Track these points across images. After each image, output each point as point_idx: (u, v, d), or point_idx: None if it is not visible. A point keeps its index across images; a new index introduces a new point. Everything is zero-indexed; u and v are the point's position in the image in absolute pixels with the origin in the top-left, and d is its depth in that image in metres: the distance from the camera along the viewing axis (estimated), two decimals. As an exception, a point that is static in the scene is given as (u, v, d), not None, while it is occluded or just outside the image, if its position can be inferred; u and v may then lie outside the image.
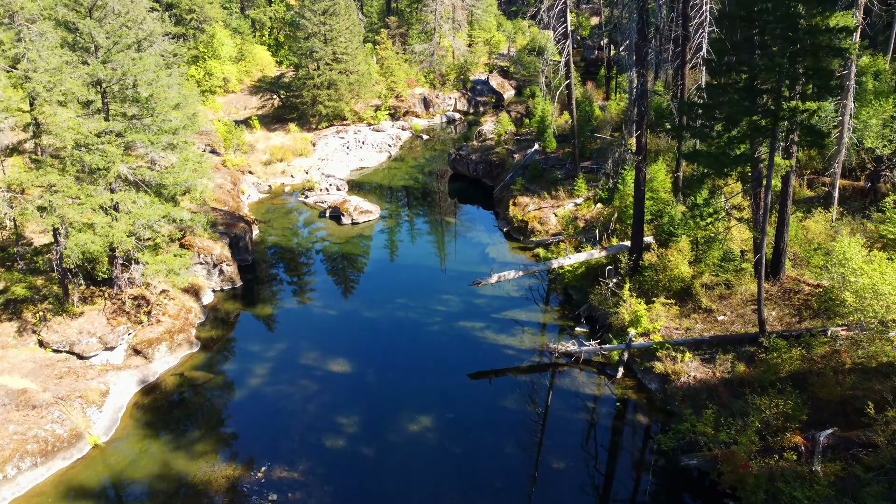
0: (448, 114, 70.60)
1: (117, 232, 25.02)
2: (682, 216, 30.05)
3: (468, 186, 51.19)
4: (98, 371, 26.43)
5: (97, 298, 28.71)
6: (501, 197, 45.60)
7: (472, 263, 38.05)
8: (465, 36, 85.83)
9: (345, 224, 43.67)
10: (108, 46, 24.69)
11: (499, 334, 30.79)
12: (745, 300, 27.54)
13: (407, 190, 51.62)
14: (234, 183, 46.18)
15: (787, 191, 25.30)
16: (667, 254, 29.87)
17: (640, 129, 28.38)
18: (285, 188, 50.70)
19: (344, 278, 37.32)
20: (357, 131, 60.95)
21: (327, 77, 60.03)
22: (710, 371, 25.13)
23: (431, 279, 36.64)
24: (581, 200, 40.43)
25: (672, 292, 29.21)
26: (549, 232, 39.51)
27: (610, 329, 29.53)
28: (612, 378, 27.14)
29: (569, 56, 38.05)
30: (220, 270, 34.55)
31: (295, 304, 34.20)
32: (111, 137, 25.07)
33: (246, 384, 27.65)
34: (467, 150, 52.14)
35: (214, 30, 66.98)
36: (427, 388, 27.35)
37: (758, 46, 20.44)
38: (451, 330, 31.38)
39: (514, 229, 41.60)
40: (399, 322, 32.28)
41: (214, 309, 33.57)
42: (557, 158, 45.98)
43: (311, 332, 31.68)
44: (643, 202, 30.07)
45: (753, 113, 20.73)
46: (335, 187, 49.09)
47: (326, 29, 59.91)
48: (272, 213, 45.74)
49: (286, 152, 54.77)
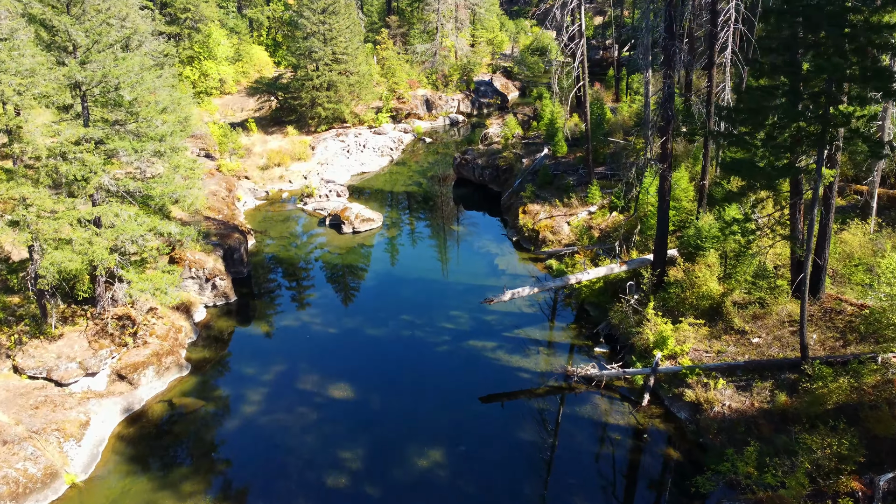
0: (451, 116, 68.45)
1: (98, 249, 22.83)
2: (712, 229, 27.87)
3: (474, 192, 49.03)
4: (78, 399, 24.23)
5: (78, 318, 26.52)
6: (510, 204, 43.44)
7: (481, 276, 35.89)
8: (468, 36, 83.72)
9: (345, 233, 41.49)
10: (88, 45, 22.50)
11: (512, 355, 28.64)
12: (782, 321, 25.36)
13: (410, 196, 49.43)
14: (230, 189, 43.99)
15: (830, 202, 23.15)
16: (694, 269, 27.71)
17: (665, 134, 26.22)
18: (283, 194, 48.52)
19: (345, 292, 35.13)
20: (357, 134, 58.78)
21: (327, 78, 57.86)
22: (746, 400, 22.97)
23: (438, 293, 34.46)
24: (595, 208, 38.27)
25: (700, 311, 27.06)
26: (562, 242, 37.34)
27: (632, 350, 27.39)
28: (637, 405, 24.99)
29: (583, 56, 35.92)
30: (213, 285, 32.36)
31: (293, 321, 32.00)
32: (91, 145, 22.87)
33: (240, 412, 25.46)
34: (473, 155, 49.98)
35: (210, 29, 64.79)
36: (436, 416, 25.20)
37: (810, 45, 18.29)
38: (460, 350, 29.21)
39: (524, 239, 39.44)
40: (404, 341, 30.10)
41: (207, 326, 31.38)
42: (569, 164, 43.81)
43: (310, 351, 29.50)
44: (668, 214, 27.93)
45: (803, 118, 18.56)
46: (335, 193, 46.91)
47: (326, 28, 57.73)
48: (269, 222, 43.55)
49: (284, 156, 52.58)
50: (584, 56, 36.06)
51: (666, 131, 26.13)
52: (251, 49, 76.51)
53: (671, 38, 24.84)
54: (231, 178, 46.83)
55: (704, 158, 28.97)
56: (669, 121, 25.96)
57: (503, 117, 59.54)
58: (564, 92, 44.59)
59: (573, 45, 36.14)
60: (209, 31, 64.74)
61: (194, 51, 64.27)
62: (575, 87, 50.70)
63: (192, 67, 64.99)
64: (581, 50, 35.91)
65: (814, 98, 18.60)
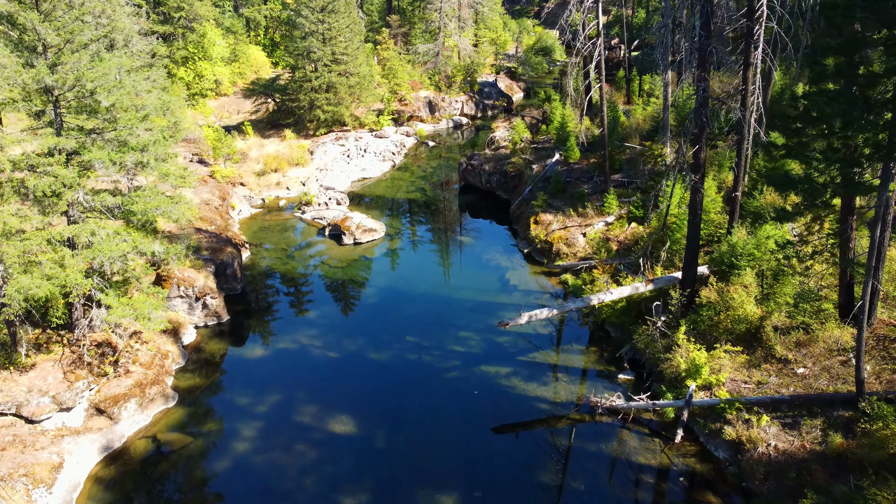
0: (455, 118, 66.08)
1: (71, 272, 20.43)
2: (747, 245, 25.51)
3: (481, 199, 46.66)
4: (51, 438, 21.83)
5: (54, 345, 24.10)
6: (520, 213, 41.05)
7: (491, 291, 33.52)
8: (471, 35, 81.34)
9: (346, 244, 39.09)
10: (59, 45, 20.11)
11: (528, 382, 26.27)
12: (830, 349, 22.99)
13: (413, 203, 47.03)
14: (223, 198, 41.57)
15: (887, 219, 20.76)
16: (728, 289, 25.34)
17: (698, 143, 23.84)
18: (280, 202, 46.09)
19: (346, 310, 32.71)
20: (358, 138, 56.36)
21: (326, 79, 55.47)
22: (795, 440, 20.60)
23: (445, 311, 32.05)
24: (613, 219, 35.89)
25: (735, 336, 24.69)
26: (578, 255, 34.98)
27: (661, 378, 25.02)
28: (670, 442, 22.63)
29: (600, 57, 33.55)
30: (203, 304, 29.96)
31: (290, 343, 29.59)
32: (62, 157, 20.47)
33: (231, 450, 23.05)
34: (480, 160, 47.59)
35: (205, 29, 62.39)
36: (447, 453, 22.85)
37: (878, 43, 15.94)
38: (471, 376, 26.84)
39: (536, 251, 37.05)
40: (411, 366, 27.71)
41: (197, 349, 28.99)
42: (582, 170, 41.42)
43: (308, 379, 27.10)
44: (698, 229, 25.56)
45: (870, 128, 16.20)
46: (335, 201, 44.51)
47: (325, 27, 55.33)
48: (265, 231, 41.13)
49: (281, 162, 50.16)
50: (602, 57, 33.70)
51: (699, 139, 23.75)
52: (248, 49, 74.18)
53: (707, 37, 22.45)
54: (225, 185, 44.41)
55: (737, 168, 26.58)
56: (704, 128, 23.58)
57: (510, 120, 57.18)
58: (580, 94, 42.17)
59: (589, 45, 33.76)
60: (204, 31, 62.36)
61: (188, 51, 61.90)
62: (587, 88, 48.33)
63: (187, 68, 62.65)
64: (598, 50, 33.54)
65: (884, 105, 16.23)
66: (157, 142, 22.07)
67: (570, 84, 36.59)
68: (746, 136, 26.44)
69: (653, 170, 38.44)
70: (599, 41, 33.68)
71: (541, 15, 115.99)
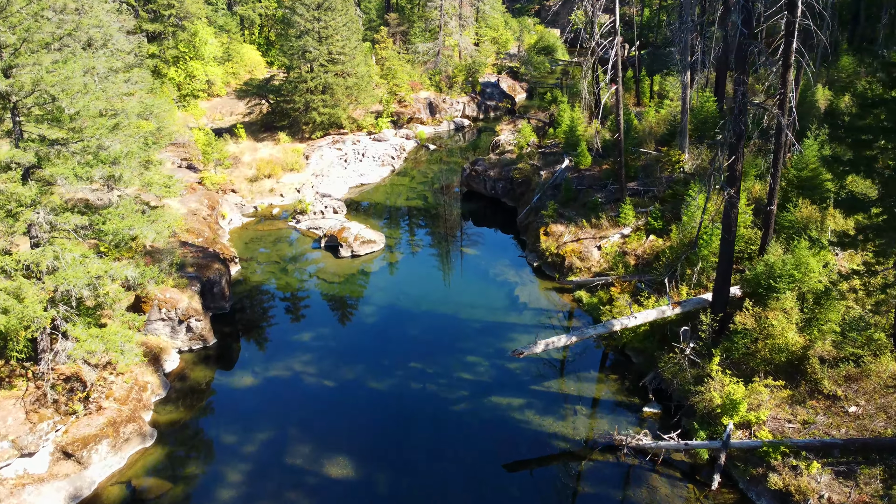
0: (456, 120, 63.59)
1: (30, 304, 17.94)
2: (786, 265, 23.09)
3: (485, 207, 44.20)
4: (10, 488, 19.35)
5: (16, 380, 21.61)
6: (528, 223, 38.58)
7: (500, 310, 31.08)
8: (472, 34, 78.85)
9: (343, 257, 36.59)
10: (15, 45, 17.63)
11: (543, 415, 23.85)
12: (885, 385, 20.57)
13: (414, 212, 44.54)
14: (212, 207, 39.05)
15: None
16: (766, 315, 22.92)
17: (735, 152, 21.40)
18: (273, 210, 43.55)
19: (343, 332, 30.21)
20: (356, 141, 53.85)
21: (322, 80, 52.94)
22: (851, 492, 18.20)
23: (451, 332, 29.60)
24: (629, 230, 33.46)
25: (775, 367, 22.28)
26: (592, 270, 32.55)
27: (692, 413, 22.62)
28: (706, 489, 20.23)
29: (617, 57, 31.11)
30: (187, 327, 27.48)
31: (282, 370, 27.09)
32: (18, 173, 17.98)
33: (215, 499, 20.58)
34: (484, 165, 45.13)
35: (196, 27, 59.81)
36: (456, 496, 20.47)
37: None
38: (481, 409, 24.41)
39: (546, 264, 34.60)
40: (415, 397, 25.26)
41: (181, 377, 26.51)
42: (594, 177, 38.97)
43: (302, 412, 24.63)
44: (732, 247, 23.12)
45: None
46: (331, 209, 42.02)
47: (321, 26, 52.81)
48: (257, 243, 38.60)
49: (275, 167, 47.65)
50: (619, 57, 31.25)
51: (737, 149, 21.31)
52: (242, 48, 71.70)
53: (748, 36, 20.00)
54: (215, 193, 41.89)
55: (773, 179, 24.17)
56: (741, 136, 21.14)
57: (514, 122, 54.71)
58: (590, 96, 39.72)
59: (605, 44, 31.31)
60: (195, 29, 59.82)
61: (179, 50, 59.35)
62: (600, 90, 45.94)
63: (178, 68, 60.10)
64: (615, 49, 31.09)
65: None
66: (131, 153, 19.53)
67: (585, 86, 34.11)
68: (784, 144, 24.04)
69: (670, 177, 36.01)
70: (617, 40, 31.23)
71: (542, 13, 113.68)
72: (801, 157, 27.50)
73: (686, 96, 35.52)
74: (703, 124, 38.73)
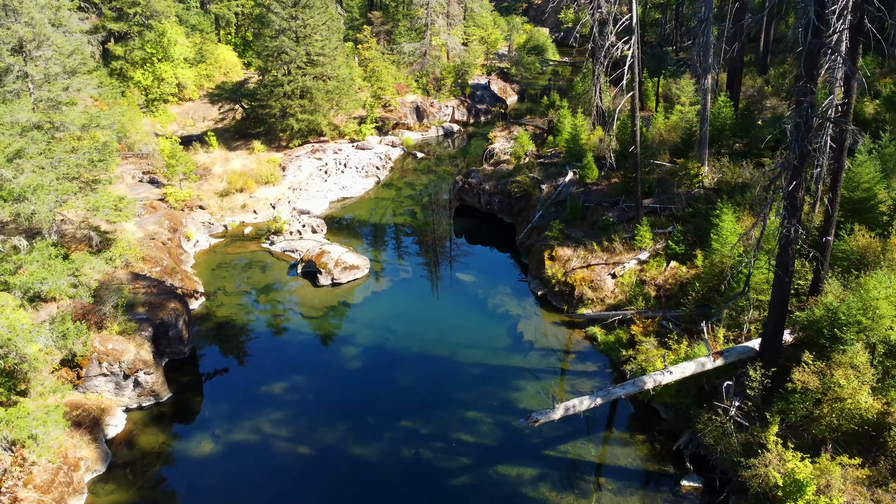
0: (445, 125, 59.41)
1: None
2: (852, 310, 19.19)
3: (480, 224, 40.12)
4: None
5: None
6: (530, 244, 34.53)
7: (502, 350, 27.03)
8: (461, 33, 74.76)
9: (322, 285, 32.37)
10: None
11: (562, 492, 19.84)
12: None
13: (402, 230, 40.33)
14: (174, 228, 34.69)
15: None
16: (830, 371, 19.00)
17: (798, 177, 17.45)
18: (245, 229, 39.18)
19: (322, 381, 25.98)
20: (337, 150, 49.57)
21: (300, 83, 48.64)
22: None
23: (447, 380, 25.51)
24: (647, 255, 29.51)
25: (843, 434, 18.38)
26: (606, 301, 28.60)
27: (742, 490, 18.70)
28: None
29: (634, 59, 27.15)
30: (135, 381, 23.18)
31: (248, 434, 22.81)
32: None
33: None
34: (478, 178, 41.04)
35: (164, 26, 55.22)
36: None
37: None
38: (486, 482, 20.36)
39: (553, 293, 30.60)
40: (406, 468, 21.14)
41: (127, 443, 22.22)
42: (603, 193, 34.98)
43: (271, 489, 20.41)
44: (788, 290, 19.21)
45: None
46: (310, 228, 37.78)
47: (298, 24, 48.47)
48: (225, 269, 34.25)
49: (248, 180, 43.29)
50: (636, 59, 27.29)
51: (799, 172, 17.36)
52: (216, 49, 67.14)
53: (818, 35, 16.04)
54: (179, 211, 37.53)
55: (831, 204, 20.28)
56: (805, 157, 17.19)
57: (509, 129, 50.63)
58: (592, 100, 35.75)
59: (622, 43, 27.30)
60: (163, 29, 55.24)
61: (146, 51, 54.82)
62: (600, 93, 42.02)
63: (145, 71, 55.53)
64: (633, 50, 27.09)
65: None
66: (41, 187, 15.26)
67: (596, 92, 30.08)
68: (844, 163, 20.17)
69: (689, 193, 32.11)
70: (634, 39, 27.23)
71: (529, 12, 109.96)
72: (854, 175, 23.65)
73: (706, 102, 31.63)
74: (719, 132, 34.92)
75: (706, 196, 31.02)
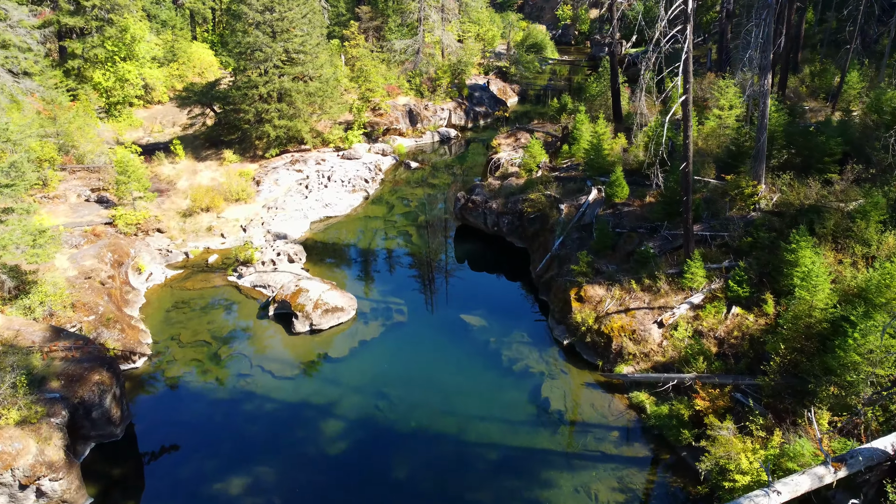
0: (441, 130, 53.51)
1: None
2: None
3: (486, 248, 34.32)
4: None
5: None
6: (551, 279, 28.72)
7: (524, 427, 21.22)
8: (457, 29, 68.95)
9: (299, 332, 26.47)
10: None
11: None
12: None
13: (395, 258, 34.34)
14: (120, 262, 28.67)
15: None
16: None
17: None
18: (210, 257, 33.11)
19: (294, 476, 20.02)
20: (320, 161, 43.61)
21: (277, 84, 42.69)
22: None
23: (456, 474, 19.65)
24: (700, 298, 23.75)
25: None
26: (652, 357, 22.85)
27: None
28: None
29: (688, 53, 21.46)
30: (37, 491, 17.19)
31: (192, 557, 16.93)
32: None
33: None
34: (484, 195, 35.16)
35: (127, 21, 48.99)
36: None
37: None
38: None
39: (582, 344, 24.85)
40: None
41: (23, 577, 16.24)
42: (637, 215, 29.19)
43: None
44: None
45: None
46: (286, 257, 31.85)
47: (274, 17, 42.47)
48: (182, 311, 28.22)
49: (216, 197, 37.27)
50: (690, 54, 21.57)
51: None
52: (190, 47, 61.09)
53: None
54: (128, 238, 31.47)
55: None
56: None
57: (515, 135, 44.76)
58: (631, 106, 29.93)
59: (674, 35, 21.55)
60: (125, 24, 49.00)
61: (107, 49, 48.61)
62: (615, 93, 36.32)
63: (105, 70, 49.33)
64: (687, 46, 21.34)
65: None
66: None
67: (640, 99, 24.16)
68: None
69: (746, 217, 26.40)
70: (689, 30, 21.42)
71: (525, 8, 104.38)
72: None
73: (766, 107, 25.93)
74: (769, 142, 29.21)
75: (768, 223, 25.31)
